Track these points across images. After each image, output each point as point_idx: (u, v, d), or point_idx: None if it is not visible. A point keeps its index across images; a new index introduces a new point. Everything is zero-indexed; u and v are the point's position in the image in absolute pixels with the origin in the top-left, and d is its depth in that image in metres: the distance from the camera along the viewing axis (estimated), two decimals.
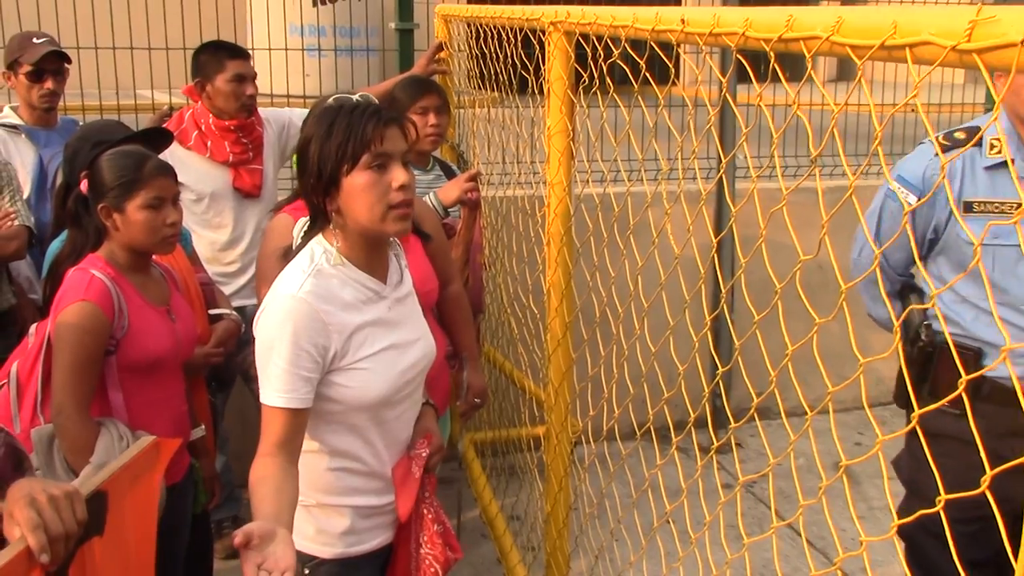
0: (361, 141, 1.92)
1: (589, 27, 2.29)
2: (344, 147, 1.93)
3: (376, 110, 1.98)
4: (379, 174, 1.94)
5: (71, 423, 2.38)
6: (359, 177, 1.93)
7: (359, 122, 1.94)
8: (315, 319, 1.93)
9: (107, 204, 2.49)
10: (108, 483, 1.76)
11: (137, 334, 2.49)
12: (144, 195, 2.49)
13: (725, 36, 1.58)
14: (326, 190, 1.97)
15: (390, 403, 2.08)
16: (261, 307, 2.01)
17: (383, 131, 1.94)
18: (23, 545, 1.45)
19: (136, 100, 4.93)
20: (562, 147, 2.64)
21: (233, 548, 4.17)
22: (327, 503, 2.10)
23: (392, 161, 1.96)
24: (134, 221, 2.49)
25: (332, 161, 1.94)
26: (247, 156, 3.83)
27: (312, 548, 2.11)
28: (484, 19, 3.59)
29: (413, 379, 2.14)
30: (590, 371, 2.76)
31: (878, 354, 2.57)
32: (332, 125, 1.95)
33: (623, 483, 4.11)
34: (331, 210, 1.99)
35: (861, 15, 1.24)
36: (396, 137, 1.97)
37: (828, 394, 1.40)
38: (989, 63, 1.02)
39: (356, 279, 2.03)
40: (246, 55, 3.80)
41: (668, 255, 2.14)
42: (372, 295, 2.05)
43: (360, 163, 1.93)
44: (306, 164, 1.99)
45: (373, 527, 2.16)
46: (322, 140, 1.96)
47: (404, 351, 2.10)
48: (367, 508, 2.13)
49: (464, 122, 4.59)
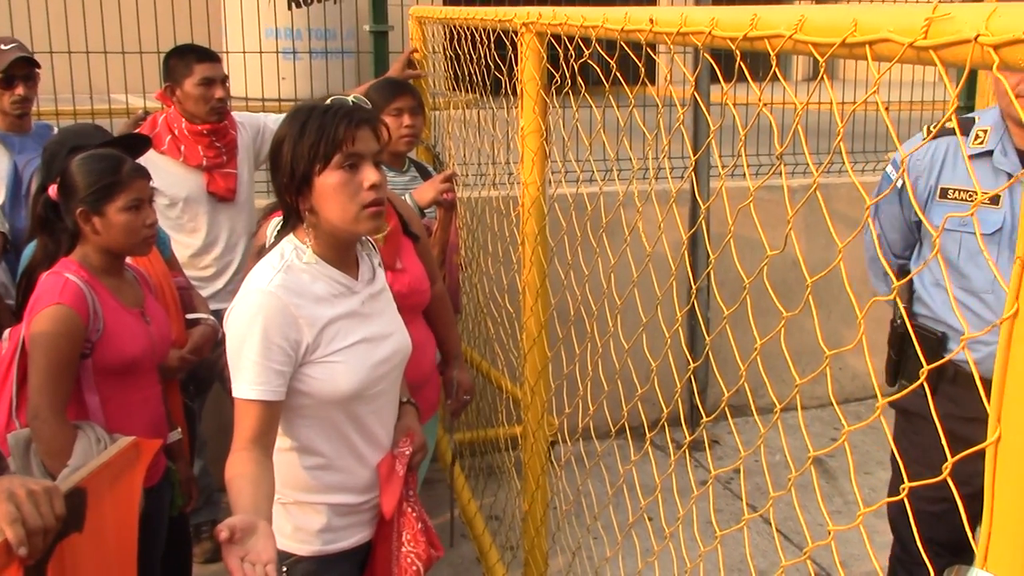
0: (333, 141, 1.96)
1: (560, 28, 2.31)
2: (316, 147, 1.96)
3: (348, 111, 2.01)
4: (351, 174, 1.98)
5: (48, 427, 2.38)
6: (331, 177, 1.97)
7: (331, 123, 1.97)
8: (286, 313, 1.96)
9: (85, 208, 2.50)
10: (87, 480, 1.78)
11: (112, 337, 2.49)
12: (124, 197, 2.50)
13: (692, 35, 1.61)
14: (299, 189, 2.00)
15: (363, 397, 2.09)
16: (232, 304, 2.03)
17: (355, 132, 1.98)
18: (1, 539, 1.46)
19: (111, 104, 4.91)
20: (535, 147, 2.66)
21: (213, 552, 4.19)
22: (304, 501, 2.12)
23: (364, 161, 1.99)
24: (115, 223, 2.50)
25: (305, 161, 1.98)
26: (221, 160, 3.82)
27: (290, 546, 2.12)
28: (458, 21, 3.61)
29: (387, 374, 2.15)
30: (565, 369, 2.78)
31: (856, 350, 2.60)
32: (305, 125, 1.99)
33: (601, 481, 4.14)
34: (304, 209, 2.02)
35: (823, 13, 1.27)
36: (368, 138, 2.01)
37: (795, 387, 1.42)
38: (945, 59, 1.04)
39: (328, 275, 2.06)
40: (215, 58, 3.79)
41: (643, 254, 2.16)
42: (344, 290, 2.08)
43: (332, 163, 1.97)
44: (279, 163, 2.03)
45: (351, 525, 2.17)
46: (295, 140, 1.99)
47: (377, 344, 2.12)
48: (344, 506, 2.14)
49: (439, 123, 4.60)
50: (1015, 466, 0.96)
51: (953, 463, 1.08)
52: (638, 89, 2.15)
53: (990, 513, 0.99)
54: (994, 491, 0.99)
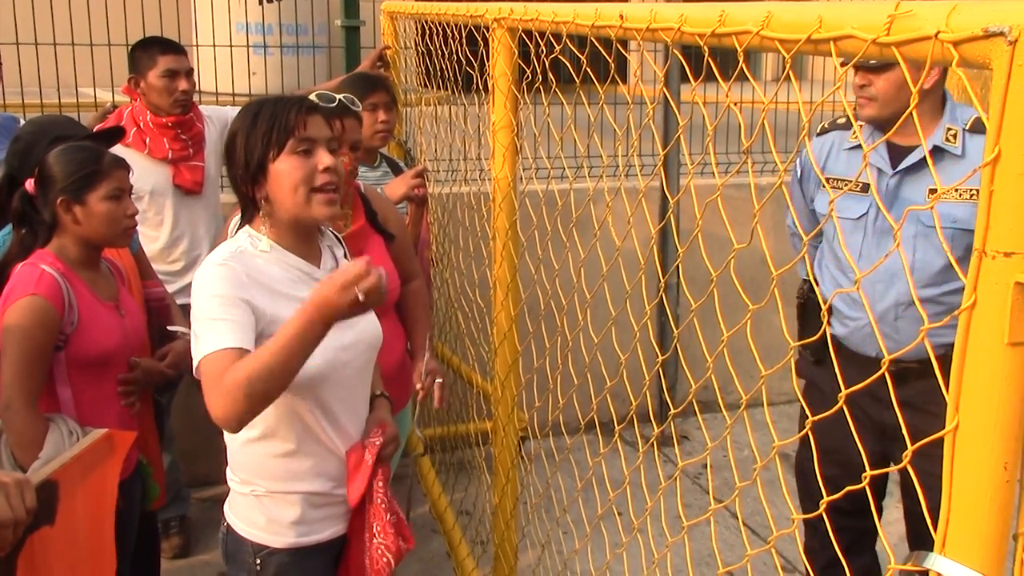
0: (285, 128, 2.00)
1: (532, 23, 2.32)
2: (269, 134, 2.00)
3: (300, 100, 2.06)
4: (304, 159, 2.01)
5: (19, 418, 2.36)
6: (284, 163, 2.00)
7: (283, 110, 2.02)
8: (238, 276, 1.97)
9: (67, 197, 2.49)
10: (59, 473, 1.77)
11: (87, 329, 2.48)
12: (106, 186, 2.51)
13: (662, 31, 1.62)
14: (254, 178, 2.03)
15: (328, 382, 2.07)
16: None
17: (306, 118, 2.01)
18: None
19: (78, 98, 4.87)
20: (507, 142, 2.67)
21: (181, 548, 4.16)
22: (276, 491, 2.11)
23: (317, 146, 2.03)
24: (96, 212, 2.50)
25: (258, 149, 2.01)
26: (187, 153, 3.80)
27: (263, 538, 2.12)
28: (429, 16, 3.61)
29: (351, 361, 2.14)
30: (535, 363, 2.80)
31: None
32: (257, 115, 2.04)
33: (571, 476, 4.16)
34: (260, 198, 2.05)
35: (790, 10, 1.29)
36: (320, 124, 2.05)
37: (761, 379, 1.44)
38: (907, 55, 1.06)
39: (285, 260, 2.07)
40: (180, 50, 3.76)
41: (613, 249, 2.18)
42: (303, 276, 2.09)
43: (286, 148, 2.00)
44: (234, 156, 2.06)
45: (325, 517, 2.16)
46: (248, 130, 2.03)
47: (342, 328, 2.07)
48: (318, 495, 2.13)
49: (411, 119, 4.60)
50: (972, 454, 0.99)
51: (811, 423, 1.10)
52: (608, 87, 2.17)
53: (948, 500, 1.02)
54: (952, 478, 1.01)
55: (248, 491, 2.13)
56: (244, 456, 2.13)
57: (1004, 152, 0.92)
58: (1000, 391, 0.96)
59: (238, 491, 2.16)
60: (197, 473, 4.33)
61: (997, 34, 0.92)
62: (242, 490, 2.15)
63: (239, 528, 2.15)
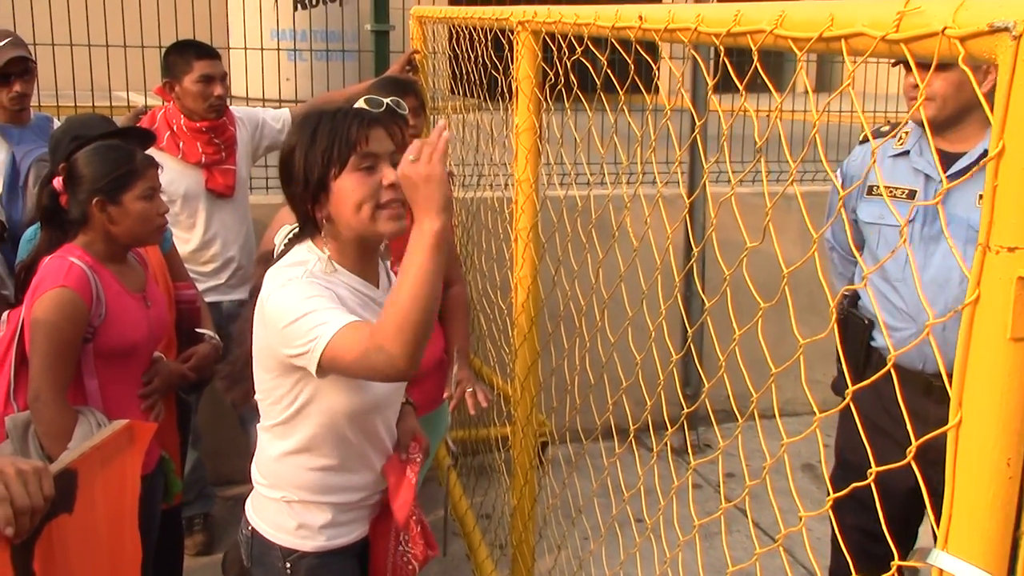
0: (347, 143, 1.91)
1: (554, 26, 2.34)
2: (330, 151, 1.91)
3: (358, 112, 1.96)
4: (367, 175, 1.92)
5: (48, 409, 2.39)
6: (348, 180, 1.92)
7: (343, 124, 1.92)
8: (318, 284, 1.91)
9: (102, 197, 2.52)
10: (78, 462, 1.78)
11: (114, 322, 2.51)
12: (141, 186, 2.54)
13: (679, 31, 1.63)
14: (314, 197, 1.95)
15: (382, 409, 2.09)
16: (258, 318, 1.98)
17: (368, 131, 1.93)
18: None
19: (111, 101, 4.93)
20: (529, 144, 2.69)
21: (205, 544, 4.20)
22: (309, 500, 2.10)
23: (380, 161, 1.93)
24: (131, 212, 2.53)
25: (319, 167, 1.92)
26: (220, 157, 3.84)
27: (293, 542, 2.11)
28: (457, 20, 3.64)
29: (400, 386, 2.14)
30: (557, 367, 2.81)
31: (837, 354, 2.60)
32: (316, 131, 1.94)
33: (590, 481, 4.16)
34: (321, 217, 1.97)
35: (803, 9, 1.30)
36: (382, 137, 1.95)
37: (770, 376, 1.44)
38: (915, 52, 1.07)
39: (349, 283, 2.00)
40: (215, 55, 3.79)
41: (642, 259, 2.18)
42: (367, 299, 2.04)
43: (348, 165, 1.91)
44: (292, 172, 1.97)
45: (352, 520, 2.16)
46: (307, 147, 1.94)
47: None
48: (347, 504, 2.13)
49: (438, 123, 4.62)
50: (975, 448, 0.99)
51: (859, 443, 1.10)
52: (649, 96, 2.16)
53: (951, 495, 1.02)
54: (955, 473, 1.01)
55: (279, 496, 2.11)
56: (279, 466, 2.10)
57: (1008, 147, 0.92)
58: (1003, 386, 0.96)
59: (267, 496, 2.13)
60: (222, 471, 4.37)
61: (1002, 29, 0.92)
62: (271, 495, 2.12)
63: (266, 532, 2.13)
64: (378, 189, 1.92)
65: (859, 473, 2.43)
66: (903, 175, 2.78)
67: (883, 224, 2.80)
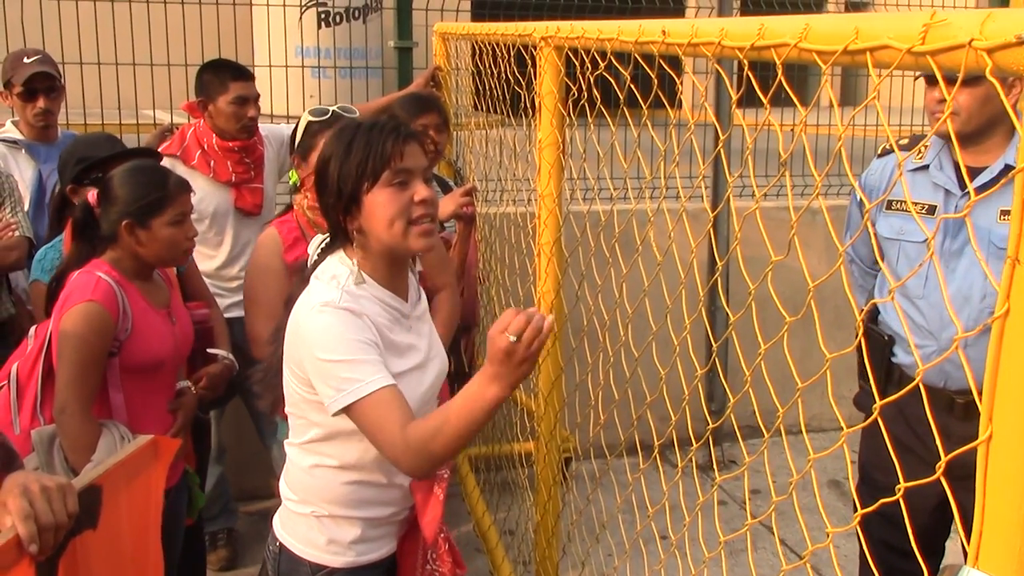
0: (382, 158, 1.91)
1: (577, 41, 2.34)
2: (364, 164, 1.92)
3: (396, 126, 1.97)
4: (400, 191, 1.93)
5: (74, 422, 2.41)
6: (380, 195, 1.93)
7: (379, 139, 1.93)
8: (361, 322, 1.92)
9: (132, 220, 2.54)
10: (103, 478, 1.79)
11: (140, 336, 2.53)
12: (171, 212, 2.55)
13: (703, 46, 1.63)
14: (347, 209, 1.96)
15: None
16: (293, 331, 1.98)
17: (403, 147, 1.93)
18: (13, 534, 1.48)
19: (138, 119, 4.97)
20: (552, 159, 2.69)
21: (228, 560, 4.21)
22: (339, 515, 2.09)
23: (413, 177, 1.94)
24: (160, 237, 2.55)
25: (353, 179, 1.93)
26: (249, 176, 3.85)
27: (322, 558, 2.10)
28: (480, 36, 3.65)
29: (431, 400, 2.14)
30: (577, 379, 2.80)
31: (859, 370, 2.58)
32: (351, 143, 1.95)
33: (614, 497, 4.14)
34: (352, 229, 1.98)
35: (827, 22, 1.29)
36: (416, 153, 1.96)
37: (797, 391, 1.43)
38: (941, 64, 1.06)
39: (380, 298, 2.00)
40: (250, 76, 3.81)
41: (666, 275, 2.17)
42: (396, 315, 2.04)
43: (381, 180, 1.92)
44: (326, 183, 1.98)
45: (381, 536, 2.15)
46: (342, 159, 1.95)
47: (424, 371, 2.09)
48: (377, 519, 2.12)
49: (461, 139, 4.64)
50: (1006, 463, 0.97)
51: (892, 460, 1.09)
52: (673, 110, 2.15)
53: (982, 511, 1.00)
54: (985, 488, 0.99)
55: (308, 512, 2.10)
56: (310, 479, 2.09)
57: None
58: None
59: (296, 511, 2.13)
60: (245, 487, 4.38)
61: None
62: (301, 510, 2.11)
63: (295, 548, 2.12)
64: (410, 205, 1.93)
65: (885, 490, 2.43)
66: (922, 190, 2.76)
67: (903, 239, 2.78)
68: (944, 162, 2.74)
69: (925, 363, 2.74)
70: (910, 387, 1.25)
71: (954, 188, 2.69)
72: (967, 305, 2.64)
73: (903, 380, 2.80)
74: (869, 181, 2.98)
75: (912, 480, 1.19)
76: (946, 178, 2.71)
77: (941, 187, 2.71)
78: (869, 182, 2.98)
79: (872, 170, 2.99)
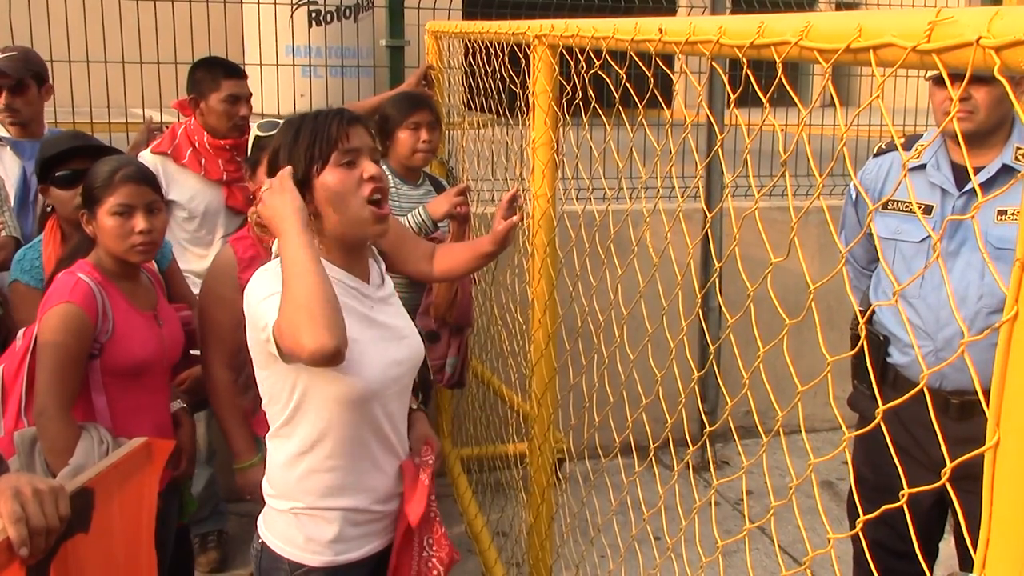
0: (328, 140, 2.00)
1: (572, 39, 2.32)
2: (312, 148, 2.00)
3: (339, 111, 2.06)
4: (349, 170, 2.01)
5: (52, 424, 2.38)
6: (330, 175, 2.00)
7: (324, 123, 2.02)
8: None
9: (85, 210, 2.53)
10: (95, 481, 1.77)
11: (122, 338, 2.50)
12: (111, 201, 2.50)
13: (700, 44, 1.61)
14: (300, 194, 2.00)
15: (380, 397, 2.06)
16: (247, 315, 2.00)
17: (348, 129, 2.02)
18: (3, 537, 1.46)
19: (127, 118, 4.94)
20: (546, 159, 2.67)
21: (218, 562, 4.18)
22: (316, 507, 2.08)
23: (361, 156, 2.03)
24: (102, 227, 2.52)
25: (302, 164, 2.01)
26: (240, 174, 3.83)
27: (301, 556, 2.09)
28: (473, 35, 3.63)
29: (402, 376, 2.13)
30: (571, 380, 2.78)
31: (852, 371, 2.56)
32: (299, 130, 2.04)
33: (607, 498, 4.12)
34: (307, 213, 2.01)
35: (829, 20, 1.27)
36: (362, 134, 2.05)
37: (796, 395, 1.41)
38: (947, 63, 1.04)
39: (336, 277, 2.02)
40: (242, 74, 3.79)
41: (659, 273, 2.15)
42: (356, 293, 2.07)
43: (331, 161, 2.00)
44: (277, 170, 2.04)
45: (364, 535, 2.14)
46: (290, 146, 2.04)
47: (393, 343, 2.10)
48: (356, 512, 2.11)
49: (454, 138, 4.62)
50: (1013, 470, 0.95)
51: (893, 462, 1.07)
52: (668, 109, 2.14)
53: (988, 519, 0.98)
54: (992, 496, 0.97)
55: (287, 508, 2.10)
56: (286, 473, 2.09)
57: None
58: None
59: (276, 508, 2.13)
60: (235, 488, 4.33)
61: None
62: (280, 507, 2.12)
63: (275, 546, 2.12)
64: (360, 182, 2.01)
65: (879, 490, 2.42)
66: (919, 189, 2.75)
67: (899, 239, 2.77)
68: (941, 162, 2.73)
69: (921, 363, 2.74)
70: (914, 392, 1.23)
71: (951, 188, 2.67)
72: (963, 305, 2.63)
73: (898, 380, 2.79)
74: (865, 181, 2.97)
75: (908, 481, 1.17)
76: (943, 177, 2.70)
77: (938, 187, 2.70)
78: (865, 182, 2.97)
79: (868, 170, 2.98)
